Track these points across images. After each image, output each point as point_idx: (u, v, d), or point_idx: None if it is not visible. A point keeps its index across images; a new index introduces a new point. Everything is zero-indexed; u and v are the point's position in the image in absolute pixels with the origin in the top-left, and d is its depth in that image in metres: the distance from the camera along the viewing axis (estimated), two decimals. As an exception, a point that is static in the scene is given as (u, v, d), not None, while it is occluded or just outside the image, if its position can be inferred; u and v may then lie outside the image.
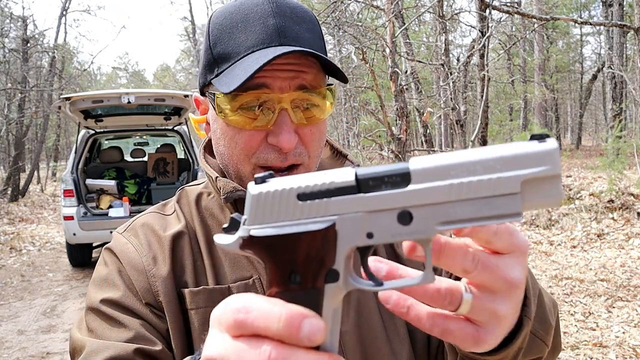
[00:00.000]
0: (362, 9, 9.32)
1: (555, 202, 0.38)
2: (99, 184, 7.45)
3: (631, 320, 4.35)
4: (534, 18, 8.90)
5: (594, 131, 32.49)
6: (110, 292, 0.81)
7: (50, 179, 21.54)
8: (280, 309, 0.38)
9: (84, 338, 0.79)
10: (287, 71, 0.74)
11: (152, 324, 0.80)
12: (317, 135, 0.80)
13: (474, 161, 0.38)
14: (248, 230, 0.42)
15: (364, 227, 0.40)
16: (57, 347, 4.59)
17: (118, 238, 0.87)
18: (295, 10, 0.78)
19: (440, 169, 0.38)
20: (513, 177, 0.37)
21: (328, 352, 0.40)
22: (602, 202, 7.66)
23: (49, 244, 9.35)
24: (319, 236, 0.40)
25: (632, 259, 6.03)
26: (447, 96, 8.76)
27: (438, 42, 10.44)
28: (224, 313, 0.40)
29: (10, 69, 14.86)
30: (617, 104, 15.27)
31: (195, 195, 0.92)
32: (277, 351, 0.38)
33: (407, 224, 0.39)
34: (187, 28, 32.51)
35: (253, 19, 0.75)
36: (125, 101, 6.39)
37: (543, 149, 0.37)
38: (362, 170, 0.41)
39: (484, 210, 0.38)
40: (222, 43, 0.77)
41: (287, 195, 0.41)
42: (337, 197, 0.40)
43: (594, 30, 25.51)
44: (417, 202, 0.39)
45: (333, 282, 0.41)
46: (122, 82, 48.06)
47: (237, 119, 0.76)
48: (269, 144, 0.77)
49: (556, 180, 0.37)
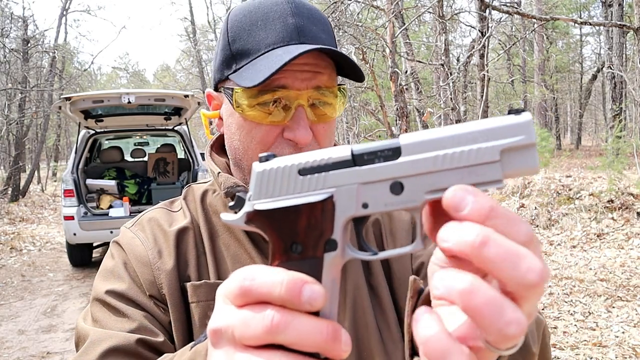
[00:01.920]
0: (362, 9, 9.32)
1: (533, 169, 0.41)
2: (99, 184, 7.46)
3: (631, 320, 4.35)
4: (534, 18, 8.90)
5: (593, 131, 32.49)
6: (115, 284, 0.83)
7: (50, 179, 21.55)
8: (282, 275, 0.40)
9: (88, 327, 0.81)
10: (306, 72, 0.77)
11: (155, 316, 0.82)
12: (328, 133, 0.83)
13: (457, 134, 0.41)
14: (253, 205, 0.45)
15: (359, 198, 0.43)
16: (58, 347, 4.59)
17: (125, 232, 0.90)
18: (311, 11, 0.82)
19: (428, 142, 0.42)
20: (492, 147, 0.40)
21: (328, 320, 0.41)
22: (602, 202, 7.66)
23: (49, 244, 9.35)
24: (319, 207, 0.43)
25: (631, 259, 6.04)
26: (447, 96, 8.76)
27: (438, 42, 10.44)
28: (230, 284, 0.42)
29: (10, 69, 14.86)
30: (616, 104, 15.28)
31: (201, 192, 0.94)
32: (279, 315, 0.39)
33: (398, 194, 0.42)
34: (187, 28, 32.50)
35: (273, 18, 0.78)
36: (126, 101, 6.40)
37: (519, 121, 0.40)
38: (357, 146, 0.44)
39: (467, 178, 0.41)
40: (241, 40, 0.79)
41: (289, 170, 0.44)
42: (334, 170, 0.43)
43: (594, 31, 25.51)
44: (407, 172, 0.42)
45: (332, 251, 0.43)
46: (122, 82, 48.05)
47: (255, 113, 0.78)
48: (284, 139, 0.79)
49: (531, 148, 0.40)
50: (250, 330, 0.40)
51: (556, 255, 6.53)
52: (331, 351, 0.40)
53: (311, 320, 0.40)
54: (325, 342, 0.40)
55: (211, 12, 66.46)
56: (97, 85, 40.09)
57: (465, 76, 13.13)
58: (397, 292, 0.89)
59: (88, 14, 41.87)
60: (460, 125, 0.42)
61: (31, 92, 15.66)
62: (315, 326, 0.40)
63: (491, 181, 0.41)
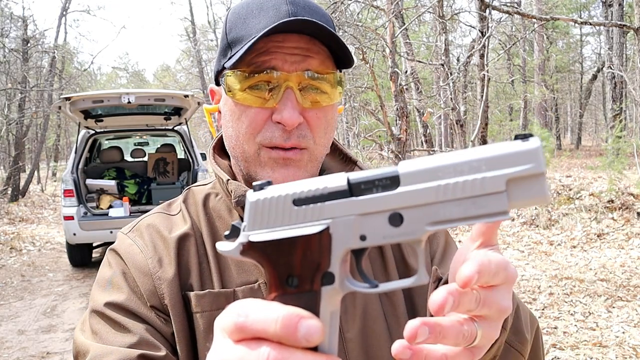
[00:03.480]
0: (362, 9, 9.32)
1: (541, 199, 0.38)
2: (99, 184, 7.45)
3: (631, 320, 4.35)
4: (534, 18, 8.90)
5: (594, 131, 32.49)
6: (114, 295, 0.80)
7: (50, 179, 21.54)
8: (277, 311, 0.39)
9: (88, 342, 0.78)
10: (296, 55, 0.76)
11: (156, 328, 0.79)
12: (323, 121, 0.80)
13: (459, 162, 0.39)
14: (247, 236, 0.43)
15: (356, 230, 0.41)
16: (57, 347, 4.59)
17: (123, 239, 0.87)
18: (309, 3, 0.81)
19: (428, 171, 0.40)
20: (498, 177, 0.38)
21: (326, 354, 0.40)
22: (602, 202, 7.66)
23: (49, 244, 9.35)
24: (314, 239, 0.42)
25: (632, 259, 6.03)
26: (447, 96, 8.76)
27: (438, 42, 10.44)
28: (225, 319, 0.41)
29: (10, 69, 14.85)
30: (617, 104, 15.29)
31: (202, 196, 0.91)
32: (275, 352, 0.38)
33: (398, 226, 0.41)
34: (187, 28, 32.49)
35: (267, 7, 0.78)
36: (125, 101, 6.39)
37: (526, 148, 0.38)
38: (353, 174, 0.42)
39: (471, 209, 0.39)
40: (236, 29, 0.80)
41: (284, 201, 0.42)
42: (330, 201, 0.42)
43: (594, 30, 25.51)
44: (407, 203, 0.40)
45: (329, 284, 0.42)
46: (122, 82, 48.04)
47: (245, 96, 0.78)
48: (273, 123, 0.78)
49: (540, 177, 0.38)
50: None
51: (556, 255, 6.53)
52: None
53: (309, 357, 0.39)
54: None
55: (211, 12, 66.48)
56: (97, 85, 40.08)
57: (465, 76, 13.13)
58: (415, 302, 0.87)
59: (88, 14, 41.87)
60: (463, 152, 0.40)
61: (31, 92, 15.66)
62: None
63: (496, 213, 0.39)
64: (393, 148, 8.31)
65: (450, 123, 11.02)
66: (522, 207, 0.39)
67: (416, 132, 18.51)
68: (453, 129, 10.12)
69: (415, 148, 17.43)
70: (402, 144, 8.15)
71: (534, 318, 0.76)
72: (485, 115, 8.47)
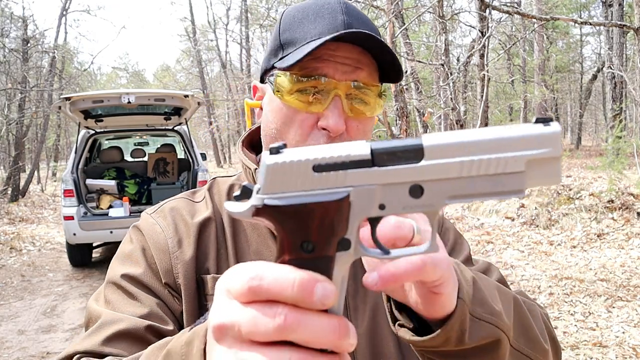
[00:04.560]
0: (362, 9, 9.31)
1: (555, 181, 0.41)
2: (99, 184, 7.45)
3: (631, 320, 4.35)
4: (534, 18, 8.90)
5: (594, 131, 32.48)
6: (131, 268, 0.84)
7: (50, 179, 21.53)
8: (293, 273, 0.40)
9: (100, 309, 0.81)
10: (347, 65, 0.78)
11: (167, 304, 0.83)
12: (361, 132, 0.82)
13: (483, 140, 0.40)
14: (262, 199, 0.42)
15: (377, 199, 0.42)
16: (58, 347, 4.59)
17: (146, 218, 0.90)
18: (360, 14, 0.84)
19: (452, 147, 0.41)
20: (519, 157, 0.40)
21: (337, 315, 0.41)
22: (602, 202, 7.66)
23: (49, 244, 9.35)
24: (334, 206, 0.42)
25: (632, 259, 6.03)
26: (447, 96, 8.76)
27: (438, 42, 10.44)
28: (236, 281, 0.41)
29: (10, 69, 14.85)
30: (617, 104, 15.29)
31: (227, 186, 0.95)
32: (292, 315, 0.39)
33: (418, 197, 0.42)
34: (187, 28, 32.49)
35: (324, 13, 0.80)
36: (126, 101, 6.39)
37: (547, 132, 0.40)
38: (376, 144, 0.42)
39: (489, 186, 0.41)
40: (291, 30, 0.81)
41: (303, 166, 0.42)
42: (352, 169, 0.42)
43: (594, 30, 25.50)
44: (429, 177, 0.41)
45: (345, 250, 0.43)
46: (122, 82, 48.03)
47: (293, 99, 0.79)
48: (318, 129, 0.79)
49: (557, 161, 0.40)
50: (260, 328, 0.39)
51: (556, 255, 6.53)
52: (341, 346, 0.41)
53: (323, 319, 0.40)
54: (337, 338, 0.40)
55: (211, 12, 66.48)
56: (97, 85, 40.08)
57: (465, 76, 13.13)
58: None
59: (88, 14, 41.88)
60: (486, 130, 0.41)
61: (31, 92, 15.65)
62: (328, 324, 0.40)
63: (513, 191, 0.41)
64: (393, 148, 8.29)
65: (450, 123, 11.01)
66: (535, 186, 0.42)
67: (416, 132, 18.51)
68: (453, 129, 10.11)
69: (415, 148, 17.35)
70: (402, 144, 8.12)
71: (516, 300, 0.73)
72: (485, 115, 8.47)
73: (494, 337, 0.64)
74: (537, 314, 0.78)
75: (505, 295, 0.71)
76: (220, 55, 31.16)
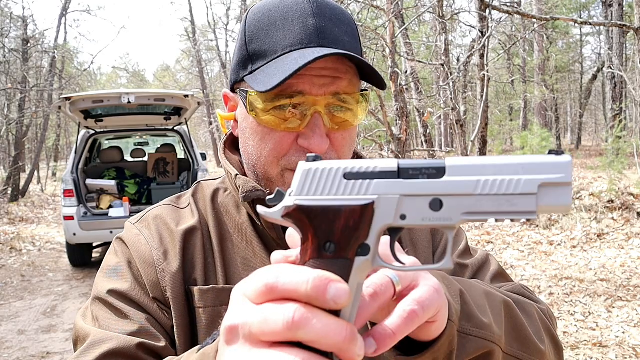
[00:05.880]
0: (362, 9, 9.32)
1: (565, 207, 0.43)
2: (99, 184, 7.45)
3: (631, 320, 4.35)
4: (534, 18, 8.89)
5: (594, 131, 32.48)
6: (118, 283, 0.81)
7: (50, 179, 21.53)
8: (308, 273, 0.41)
9: (88, 327, 0.78)
10: (324, 77, 0.73)
11: (157, 319, 0.80)
12: (348, 141, 0.79)
13: (501, 164, 0.44)
14: (294, 200, 0.46)
15: (398, 209, 0.45)
16: (57, 347, 4.59)
17: (130, 229, 0.87)
18: (334, 11, 0.77)
19: (472, 167, 0.44)
20: (532, 180, 0.43)
21: (347, 321, 0.42)
22: (602, 202, 7.66)
23: (49, 244, 9.35)
24: (358, 211, 0.45)
25: (632, 259, 6.03)
26: (447, 96, 8.76)
27: (438, 42, 10.44)
28: (252, 282, 0.43)
29: (10, 69, 14.84)
30: (617, 104, 15.29)
31: (211, 190, 0.91)
32: (301, 312, 0.40)
33: (437, 210, 0.44)
34: (187, 28, 32.49)
35: (292, 18, 0.74)
36: (126, 101, 6.39)
37: (560, 160, 0.43)
38: (403, 161, 0.46)
39: (504, 206, 0.43)
40: (258, 40, 0.76)
41: (335, 173, 0.46)
42: (379, 179, 0.45)
43: (594, 30, 25.50)
44: (449, 192, 0.44)
45: (364, 255, 0.45)
46: (122, 82, 48.04)
47: (269, 119, 0.75)
48: (299, 147, 0.76)
49: (567, 187, 0.43)
50: (270, 325, 0.40)
51: (556, 255, 6.53)
52: (347, 352, 0.41)
53: (332, 319, 0.40)
54: (343, 342, 0.40)
55: (211, 12, 66.49)
56: (97, 85, 40.06)
57: (465, 76, 13.13)
58: None
59: (88, 14, 41.89)
60: (503, 157, 0.44)
61: (31, 92, 15.65)
62: (335, 325, 0.40)
63: (525, 212, 0.43)
64: (393, 148, 8.31)
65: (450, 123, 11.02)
66: (546, 212, 0.44)
67: (416, 132, 18.50)
68: (453, 129, 10.12)
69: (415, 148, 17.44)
70: (402, 144, 8.15)
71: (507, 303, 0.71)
72: (485, 115, 8.47)
73: (484, 349, 0.63)
74: (532, 314, 0.76)
75: (495, 302, 0.68)
76: (220, 55, 31.15)
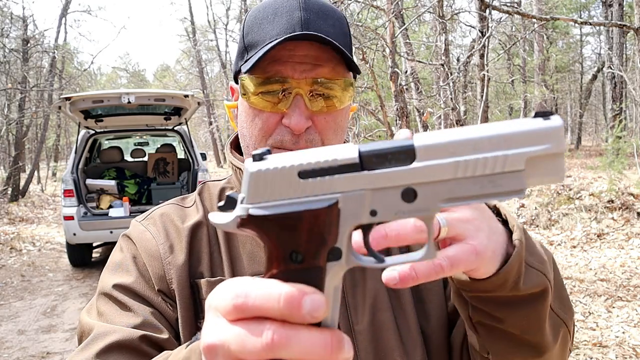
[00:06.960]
0: (362, 9, 9.32)
1: (558, 179, 0.38)
2: (99, 184, 7.45)
3: (631, 320, 4.35)
4: (534, 18, 8.89)
5: (594, 131, 32.47)
6: (122, 278, 0.83)
7: (50, 179, 21.53)
8: (279, 288, 0.38)
9: (92, 321, 0.80)
10: (305, 64, 0.79)
11: (161, 311, 0.82)
12: (332, 125, 0.83)
13: (479, 138, 0.38)
14: (246, 209, 0.40)
15: (367, 205, 0.39)
16: (57, 347, 4.59)
17: (136, 226, 0.90)
18: (323, 7, 0.84)
19: (446, 146, 0.38)
20: (518, 155, 0.37)
21: (330, 328, 0.40)
22: (602, 202, 7.66)
23: (49, 244, 9.34)
24: (322, 214, 0.39)
25: (632, 259, 6.03)
26: (447, 96, 8.76)
27: (438, 42, 10.44)
28: (221, 299, 0.40)
29: (10, 69, 14.83)
30: (617, 104, 15.29)
31: (218, 189, 0.96)
32: (279, 332, 0.37)
33: (411, 202, 0.39)
34: (187, 28, 32.49)
35: (281, 12, 0.81)
36: (126, 101, 6.40)
37: (548, 126, 0.37)
38: (365, 146, 0.40)
39: (488, 187, 0.38)
40: (252, 33, 0.83)
41: (288, 172, 0.39)
42: (340, 174, 0.39)
43: (594, 30, 25.50)
44: (422, 179, 0.38)
45: (335, 260, 0.40)
46: (122, 82, 48.04)
47: (258, 100, 0.81)
48: (283, 126, 0.81)
49: (559, 157, 0.37)
50: (248, 347, 0.38)
51: (556, 255, 6.53)
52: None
53: (314, 333, 0.38)
54: (330, 354, 0.38)
55: (211, 12, 66.46)
56: (97, 85, 40.07)
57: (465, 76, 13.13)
58: (422, 294, 0.88)
59: (88, 14, 41.86)
60: (481, 127, 0.38)
61: (31, 92, 15.64)
62: (319, 339, 0.38)
63: (513, 191, 0.38)
64: (393, 148, 8.28)
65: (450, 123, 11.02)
66: (537, 185, 0.39)
67: (416, 132, 18.47)
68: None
69: (415, 148, 17.33)
70: (402, 144, 8.12)
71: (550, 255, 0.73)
72: (485, 115, 8.46)
73: (543, 285, 0.63)
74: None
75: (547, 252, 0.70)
76: (220, 55, 31.14)
